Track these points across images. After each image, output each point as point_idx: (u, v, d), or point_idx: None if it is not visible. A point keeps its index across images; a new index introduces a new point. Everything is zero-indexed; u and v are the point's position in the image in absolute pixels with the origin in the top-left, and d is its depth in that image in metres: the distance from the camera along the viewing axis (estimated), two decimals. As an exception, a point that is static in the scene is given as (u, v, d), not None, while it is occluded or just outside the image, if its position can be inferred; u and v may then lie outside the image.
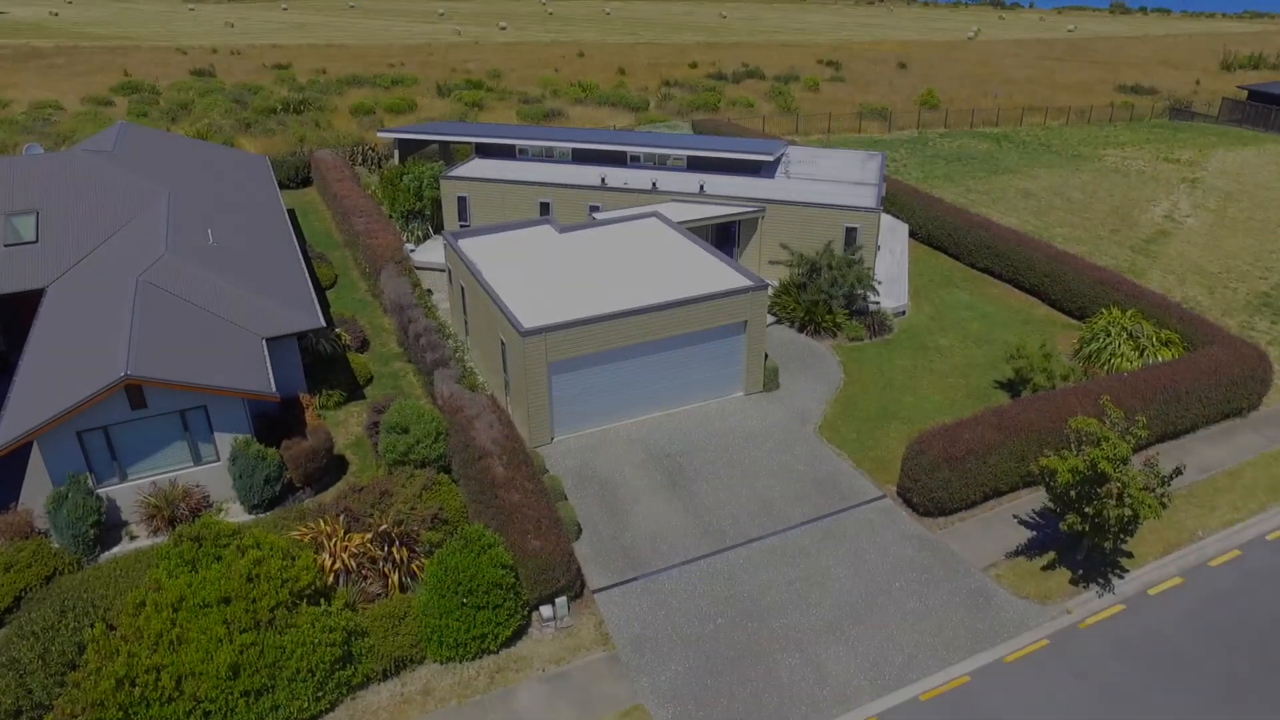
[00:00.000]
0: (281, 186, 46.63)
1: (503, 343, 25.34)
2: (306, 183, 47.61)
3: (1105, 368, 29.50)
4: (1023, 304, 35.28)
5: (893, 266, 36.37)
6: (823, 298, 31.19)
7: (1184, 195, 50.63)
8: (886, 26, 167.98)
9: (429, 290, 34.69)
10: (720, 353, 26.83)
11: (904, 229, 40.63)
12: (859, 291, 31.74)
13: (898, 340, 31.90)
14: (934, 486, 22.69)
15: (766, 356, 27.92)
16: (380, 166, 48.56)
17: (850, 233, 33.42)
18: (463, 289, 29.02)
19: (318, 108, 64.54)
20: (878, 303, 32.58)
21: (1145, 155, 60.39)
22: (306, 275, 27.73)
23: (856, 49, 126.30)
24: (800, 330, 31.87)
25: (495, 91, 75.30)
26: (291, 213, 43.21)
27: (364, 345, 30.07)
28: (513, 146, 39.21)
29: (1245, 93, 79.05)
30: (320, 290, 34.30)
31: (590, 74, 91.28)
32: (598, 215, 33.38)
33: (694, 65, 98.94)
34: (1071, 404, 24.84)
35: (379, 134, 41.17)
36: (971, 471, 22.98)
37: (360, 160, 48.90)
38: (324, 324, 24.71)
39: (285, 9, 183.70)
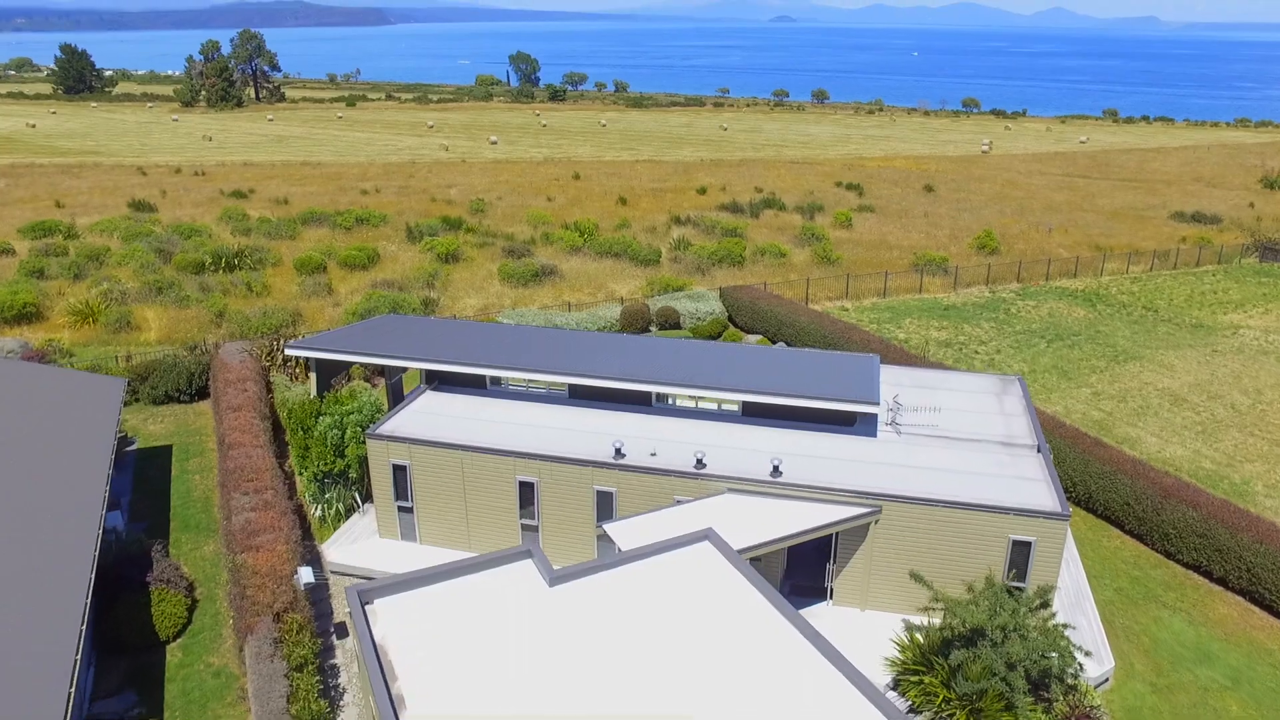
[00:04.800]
0: (167, 400, 34.00)
1: None
2: (205, 393, 34.70)
3: None
4: (1281, 642, 22.44)
5: (1060, 572, 23.45)
6: (996, 682, 18.27)
7: (1371, 393, 38.64)
8: (894, 139, 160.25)
9: (334, 630, 21.74)
10: None
11: (1049, 484, 27.80)
12: (1055, 670, 18.90)
13: (1123, 753, 18.85)
14: None
15: None
16: (310, 372, 35.88)
17: (1020, 550, 20.70)
18: (374, 712, 16.04)
19: (255, 261, 52.71)
20: (1075, 674, 19.61)
21: (1278, 322, 48.79)
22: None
23: (871, 166, 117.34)
24: (956, 735, 18.84)
25: (476, 234, 63.83)
26: (165, 453, 30.53)
27: (195, 806, 16.79)
28: (481, 377, 26.76)
29: (1345, 230, 68.62)
30: (158, 642, 21.19)
31: (588, 203, 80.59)
32: (610, 530, 20.67)
33: (703, 191, 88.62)
34: None
35: (287, 348, 28.89)
36: None
37: (281, 361, 35.87)
38: None
39: (271, 120, 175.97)
